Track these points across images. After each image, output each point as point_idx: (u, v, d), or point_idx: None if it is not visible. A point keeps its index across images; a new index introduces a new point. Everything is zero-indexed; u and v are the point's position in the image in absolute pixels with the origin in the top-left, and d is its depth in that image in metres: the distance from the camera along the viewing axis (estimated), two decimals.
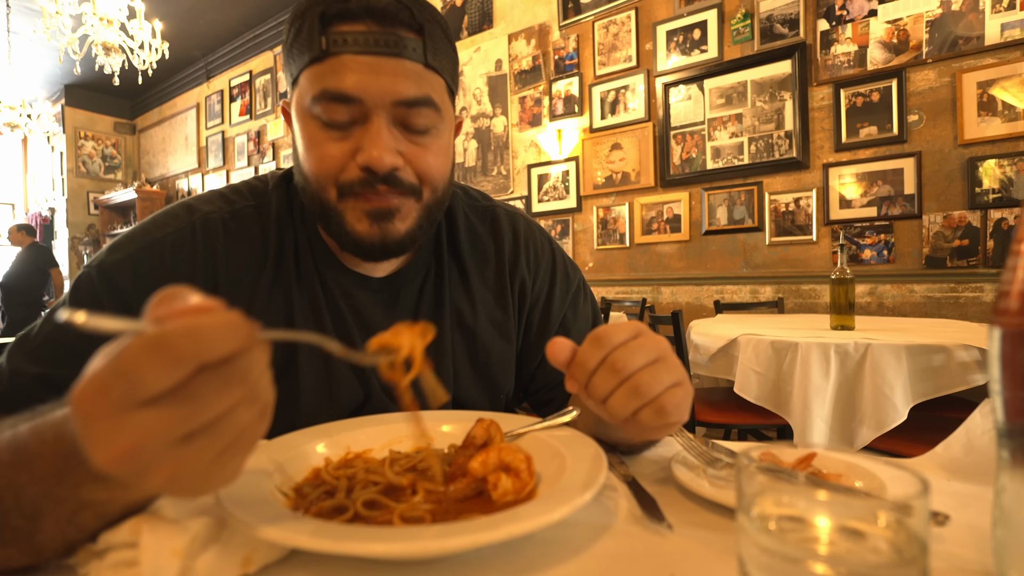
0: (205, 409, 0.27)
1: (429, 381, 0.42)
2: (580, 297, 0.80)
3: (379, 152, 0.54)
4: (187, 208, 0.64)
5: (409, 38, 0.55)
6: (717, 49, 3.12)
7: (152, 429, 0.26)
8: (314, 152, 0.57)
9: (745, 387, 1.74)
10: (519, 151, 3.96)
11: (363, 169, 0.56)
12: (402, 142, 0.57)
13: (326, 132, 0.56)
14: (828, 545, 0.26)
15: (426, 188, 0.60)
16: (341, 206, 0.58)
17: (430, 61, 0.57)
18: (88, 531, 0.35)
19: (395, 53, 0.54)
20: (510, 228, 0.77)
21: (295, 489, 0.44)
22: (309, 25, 0.55)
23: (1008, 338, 0.29)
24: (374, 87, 0.54)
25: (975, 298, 2.46)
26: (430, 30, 0.57)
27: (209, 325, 0.26)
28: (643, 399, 0.43)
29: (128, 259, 0.58)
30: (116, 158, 7.45)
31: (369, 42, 0.54)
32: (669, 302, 3.34)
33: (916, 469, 0.26)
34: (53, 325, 0.56)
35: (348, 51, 0.54)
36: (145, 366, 0.25)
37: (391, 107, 0.55)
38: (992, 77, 2.39)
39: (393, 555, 0.36)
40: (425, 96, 0.57)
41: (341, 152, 0.56)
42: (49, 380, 0.53)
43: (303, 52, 0.56)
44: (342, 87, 0.54)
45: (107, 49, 3.91)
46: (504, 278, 0.74)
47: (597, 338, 0.45)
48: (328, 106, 0.55)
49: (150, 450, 0.26)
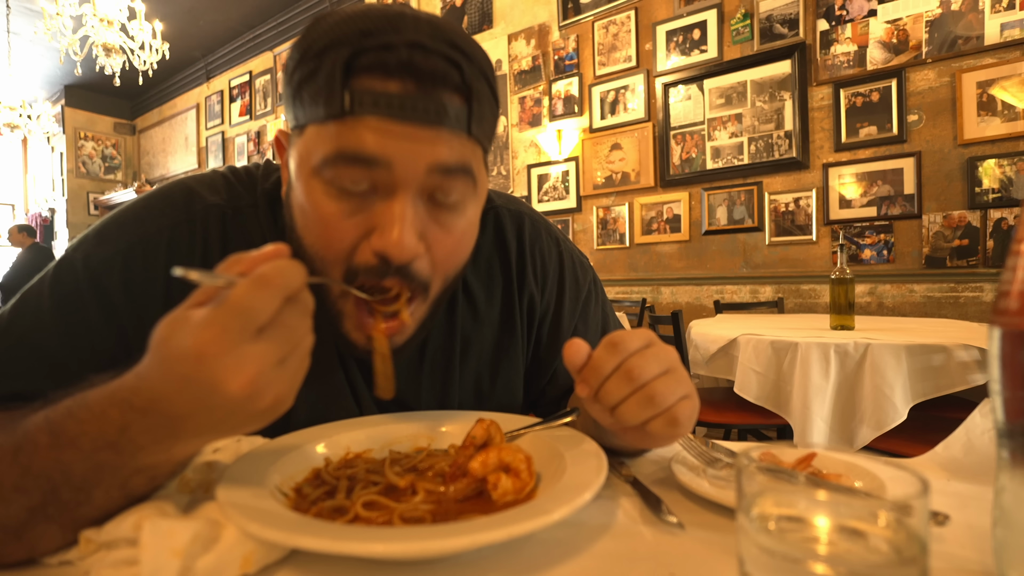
0: (294, 333, 0.34)
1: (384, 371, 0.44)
2: (591, 303, 0.75)
3: (401, 238, 0.44)
4: (186, 192, 0.57)
5: (453, 104, 0.45)
6: (717, 49, 3.12)
7: (266, 355, 0.32)
8: (319, 227, 0.47)
9: (745, 387, 1.74)
10: (519, 151, 3.96)
11: (376, 255, 0.46)
12: (427, 223, 0.48)
13: (337, 203, 0.46)
14: (828, 545, 0.26)
15: (437, 280, 0.51)
16: (341, 305, 0.50)
17: (473, 130, 0.47)
18: (137, 495, 0.38)
19: (435, 122, 0.44)
20: (515, 235, 0.70)
21: (295, 489, 0.44)
22: (328, 72, 0.43)
23: (1008, 338, 0.29)
24: (406, 150, 0.44)
25: (975, 298, 2.46)
26: (478, 91, 0.46)
27: (287, 264, 0.34)
28: (657, 409, 0.43)
29: (118, 256, 0.52)
30: (116, 158, 7.45)
31: (405, 107, 0.43)
32: (669, 302, 3.34)
33: (916, 469, 0.26)
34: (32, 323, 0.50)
35: (377, 114, 0.43)
36: (255, 300, 0.32)
37: (424, 176, 0.45)
38: (992, 77, 2.39)
39: (393, 555, 0.36)
40: (465, 164, 0.47)
41: (353, 231, 0.46)
42: (22, 396, 0.46)
43: (316, 101, 0.44)
44: (364, 148, 0.43)
45: (107, 50, 3.91)
46: (512, 295, 0.69)
47: (612, 344, 0.44)
48: (344, 170, 0.44)
49: (266, 374, 0.32)
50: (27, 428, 0.37)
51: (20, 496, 0.35)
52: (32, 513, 0.35)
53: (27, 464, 0.35)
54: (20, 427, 0.37)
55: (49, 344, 0.50)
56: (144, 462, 0.35)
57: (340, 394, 0.61)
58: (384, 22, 0.44)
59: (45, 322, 0.50)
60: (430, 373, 0.65)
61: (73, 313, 0.51)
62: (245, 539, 0.34)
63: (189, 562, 0.33)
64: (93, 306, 0.51)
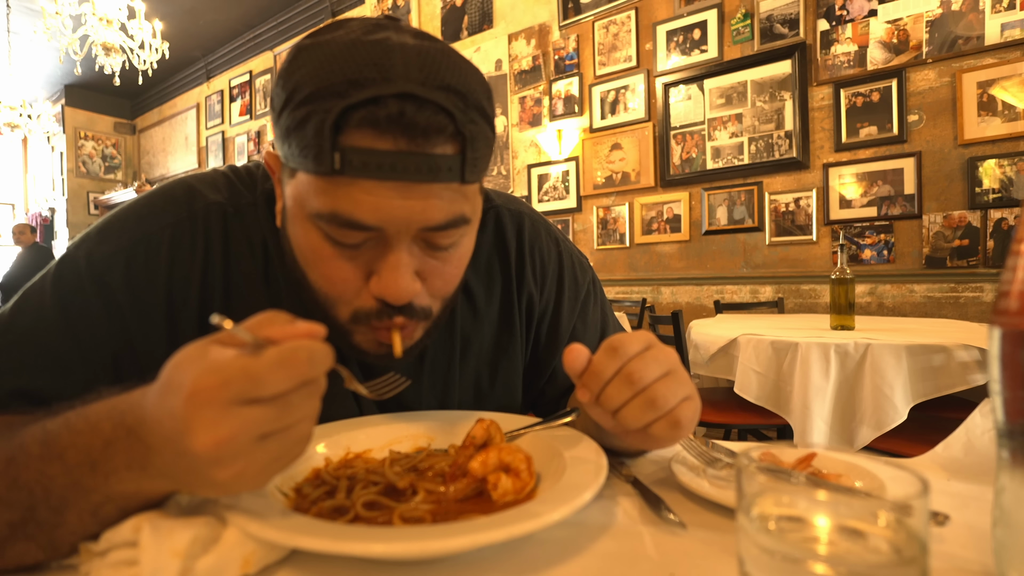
0: (291, 415, 0.32)
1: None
2: (590, 303, 0.75)
3: (397, 286, 0.46)
4: (188, 191, 0.57)
5: (446, 156, 0.44)
6: (717, 49, 3.12)
7: (248, 424, 0.31)
8: (320, 269, 0.48)
9: (745, 387, 1.74)
10: (519, 151, 3.96)
11: (376, 299, 0.48)
12: (423, 260, 0.49)
13: (333, 249, 0.47)
14: (828, 545, 0.26)
15: (437, 304, 0.53)
16: (351, 327, 0.51)
17: (468, 177, 0.46)
18: (108, 525, 0.36)
19: (427, 179, 0.43)
20: (515, 234, 0.70)
21: (295, 489, 0.44)
22: (316, 127, 0.41)
23: (1008, 338, 0.29)
24: (398, 216, 0.44)
25: (975, 298, 2.46)
26: (472, 135, 0.44)
27: (320, 349, 0.33)
28: (658, 412, 0.43)
29: (120, 254, 0.52)
30: (116, 158, 7.45)
31: (396, 168, 0.42)
32: (669, 302, 3.34)
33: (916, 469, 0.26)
34: (33, 320, 0.50)
35: (367, 175, 0.42)
36: (273, 374, 0.31)
37: (416, 232, 0.46)
38: (992, 77, 2.39)
39: (393, 555, 0.36)
40: (459, 217, 0.47)
41: (353, 275, 0.48)
42: (25, 392, 0.48)
43: (305, 154, 0.43)
44: (359, 218, 0.44)
45: (107, 49, 3.91)
46: (511, 294, 0.69)
47: (612, 348, 0.44)
48: (337, 230, 0.45)
49: (239, 442, 0.31)
50: (23, 438, 0.37)
51: (4, 510, 0.35)
52: (13, 529, 0.35)
53: (15, 476, 0.35)
54: (17, 436, 0.37)
55: (51, 340, 0.50)
56: (115, 489, 0.35)
57: (340, 394, 0.60)
58: (372, 69, 0.41)
59: (47, 319, 0.50)
60: (430, 373, 0.65)
61: (76, 310, 0.51)
62: (245, 540, 0.34)
63: (189, 563, 0.33)
64: (95, 302, 0.51)
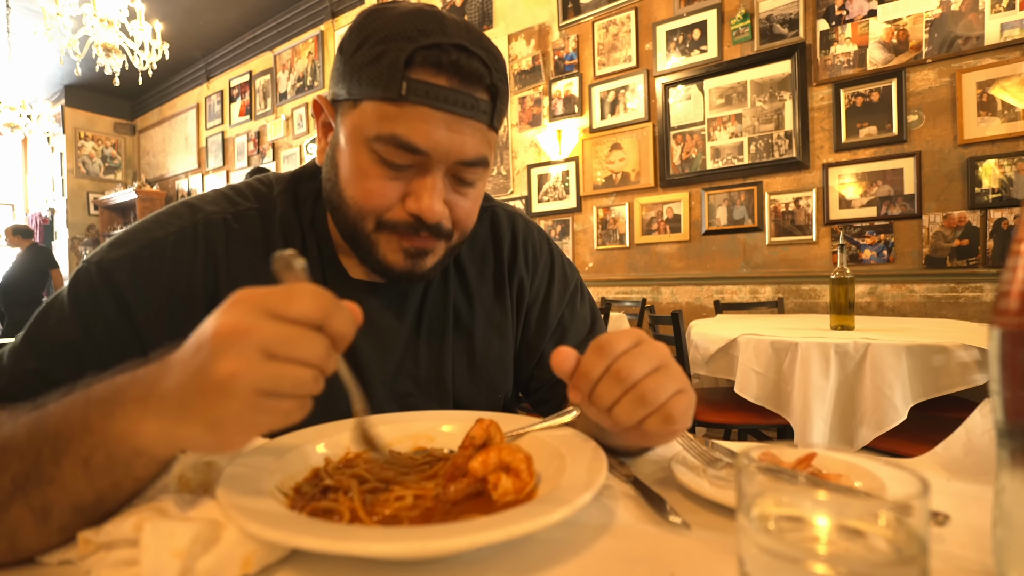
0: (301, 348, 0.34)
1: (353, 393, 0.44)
2: (578, 297, 0.80)
3: (431, 204, 0.55)
4: (190, 207, 0.64)
5: (483, 100, 0.55)
6: (717, 49, 3.12)
7: (265, 329, 0.33)
8: (364, 185, 0.57)
9: (745, 387, 1.74)
10: (519, 151, 3.96)
11: (411, 215, 0.57)
12: (449, 192, 0.58)
13: (380, 168, 0.56)
14: (828, 545, 0.26)
15: (457, 232, 0.62)
16: (376, 236, 0.59)
17: (495, 124, 0.58)
18: (101, 485, 0.37)
19: (470, 115, 0.55)
20: (509, 228, 0.78)
21: (295, 489, 0.44)
22: (391, 60, 0.52)
23: (1008, 338, 0.29)
24: (444, 145, 0.54)
25: (975, 298, 2.46)
26: (501, 91, 0.57)
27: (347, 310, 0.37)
28: (649, 407, 0.43)
29: (128, 257, 0.58)
30: (116, 158, 7.45)
31: (449, 100, 0.53)
32: (669, 302, 3.34)
33: (916, 469, 0.26)
34: (55, 321, 0.56)
35: (427, 103, 0.53)
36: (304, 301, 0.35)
37: (452, 164, 0.56)
38: (992, 77, 2.39)
39: (393, 555, 0.36)
40: (483, 157, 0.58)
41: (392, 192, 0.56)
42: (46, 377, 0.53)
43: (375, 83, 0.53)
44: (415, 141, 0.53)
45: (107, 50, 3.91)
46: (503, 278, 0.75)
47: (599, 347, 0.45)
48: (393, 150, 0.54)
49: (250, 341, 0.33)
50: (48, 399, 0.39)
51: (15, 459, 0.36)
52: (15, 485, 0.36)
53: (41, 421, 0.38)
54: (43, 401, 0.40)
55: (67, 333, 0.55)
56: (112, 429, 0.35)
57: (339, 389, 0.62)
58: (435, 23, 0.53)
59: (65, 316, 0.56)
60: (427, 340, 0.70)
61: (88, 307, 0.57)
62: (245, 540, 0.34)
63: (190, 563, 0.33)
64: (107, 299, 0.56)
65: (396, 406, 0.66)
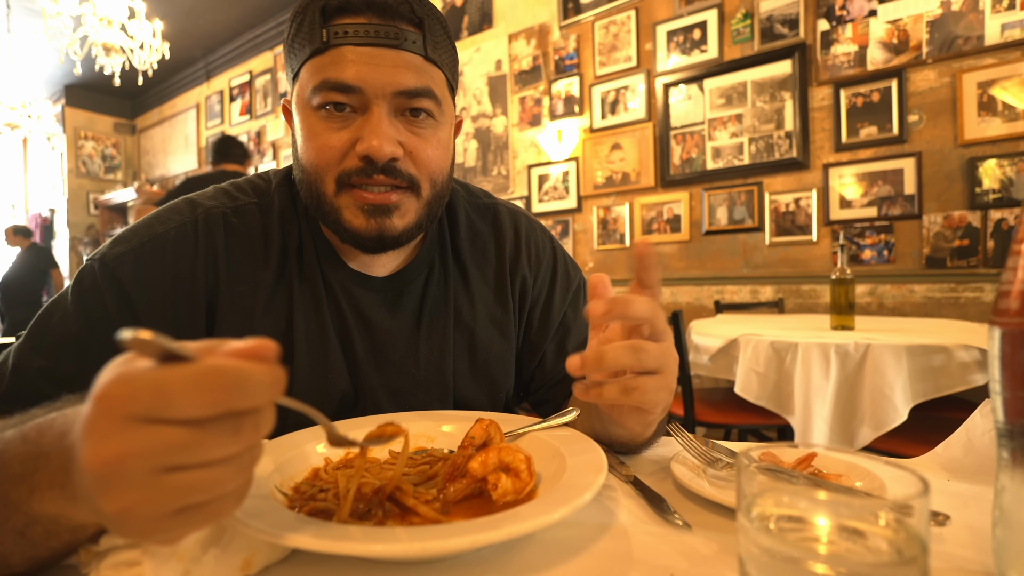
0: (208, 450, 0.26)
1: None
2: (580, 297, 0.80)
3: (379, 141, 0.55)
4: (190, 203, 0.64)
5: (409, 31, 0.57)
6: (717, 49, 3.12)
7: (146, 447, 0.25)
8: (313, 142, 0.58)
9: (746, 387, 1.74)
10: (519, 151, 3.96)
11: (362, 158, 0.56)
12: (402, 132, 0.58)
13: (326, 123, 0.57)
14: (828, 545, 0.26)
15: (424, 181, 0.61)
16: (338, 201, 0.59)
17: (430, 54, 0.58)
18: (41, 547, 0.33)
19: (395, 45, 0.56)
20: (511, 226, 0.77)
21: (295, 489, 0.44)
22: (310, 19, 0.56)
23: (1008, 338, 0.29)
24: (375, 76, 0.55)
25: (975, 298, 2.45)
26: (430, 24, 0.58)
27: (259, 374, 0.27)
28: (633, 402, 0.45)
29: (130, 252, 0.59)
30: (116, 158, 7.45)
31: (370, 34, 0.55)
32: (669, 302, 3.33)
33: (916, 469, 0.26)
34: (59, 317, 0.56)
35: (349, 42, 0.55)
36: (185, 396, 0.25)
37: (391, 97, 0.57)
38: (992, 77, 2.39)
39: (393, 555, 0.36)
40: (425, 87, 0.58)
41: (340, 142, 0.57)
42: (51, 374, 0.54)
43: (304, 46, 0.57)
44: (342, 77, 0.55)
45: (107, 49, 3.91)
46: (505, 276, 0.75)
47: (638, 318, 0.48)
48: (328, 95, 0.56)
49: (132, 468, 0.25)
50: None
51: None
52: None
53: None
54: None
55: (71, 328, 0.56)
56: (38, 510, 0.31)
57: (333, 357, 0.64)
58: None
59: (68, 312, 0.57)
60: (427, 335, 0.69)
61: (91, 302, 0.57)
62: (246, 542, 0.34)
63: (191, 564, 0.33)
64: (110, 294, 0.57)
65: (395, 406, 0.66)
